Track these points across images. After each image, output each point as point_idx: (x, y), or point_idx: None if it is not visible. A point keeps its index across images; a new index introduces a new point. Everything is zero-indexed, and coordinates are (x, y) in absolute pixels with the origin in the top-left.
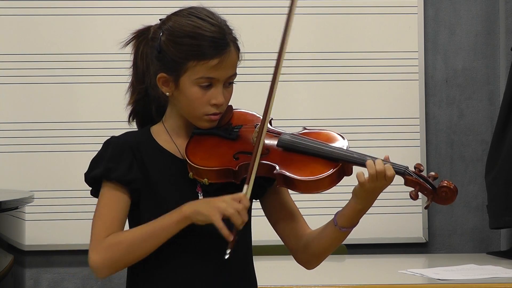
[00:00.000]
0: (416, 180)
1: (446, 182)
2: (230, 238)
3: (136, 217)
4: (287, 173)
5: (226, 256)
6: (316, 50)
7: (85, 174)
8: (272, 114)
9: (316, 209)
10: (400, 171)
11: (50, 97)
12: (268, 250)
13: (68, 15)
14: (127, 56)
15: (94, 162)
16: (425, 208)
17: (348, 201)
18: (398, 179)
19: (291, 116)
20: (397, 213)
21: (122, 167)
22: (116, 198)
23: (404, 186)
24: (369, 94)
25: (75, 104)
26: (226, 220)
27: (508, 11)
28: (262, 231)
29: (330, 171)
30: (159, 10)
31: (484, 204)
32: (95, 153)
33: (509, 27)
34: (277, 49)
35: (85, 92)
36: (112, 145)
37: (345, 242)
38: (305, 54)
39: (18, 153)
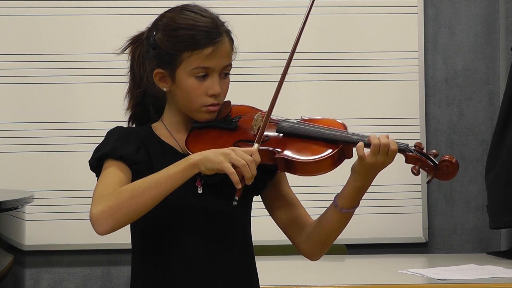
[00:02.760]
0: (417, 157)
1: (447, 156)
2: (239, 185)
3: None
4: (288, 156)
5: (234, 203)
6: (316, 50)
7: (89, 161)
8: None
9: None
10: (401, 147)
11: (50, 97)
12: (269, 250)
13: (68, 15)
14: (127, 56)
15: (98, 149)
16: (427, 183)
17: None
18: (398, 179)
19: (290, 116)
20: (397, 213)
21: (129, 147)
22: (118, 172)
23: (404, 185)
24: (369, 94)
25: (75, 104)
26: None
27: (508, 11)
28: (263, 231)
29: (331, 152)
30: (160, 10)
31: (484, 204)
32: None
33: (509, 27)
34: (271, 50)
35: (84, 92)
36: (118, 130)
37: (345, 242)
38: (305, 54)
39: (18, 153)
